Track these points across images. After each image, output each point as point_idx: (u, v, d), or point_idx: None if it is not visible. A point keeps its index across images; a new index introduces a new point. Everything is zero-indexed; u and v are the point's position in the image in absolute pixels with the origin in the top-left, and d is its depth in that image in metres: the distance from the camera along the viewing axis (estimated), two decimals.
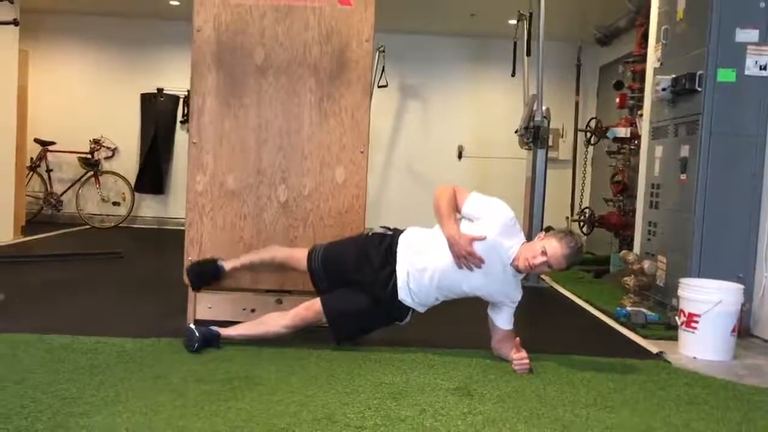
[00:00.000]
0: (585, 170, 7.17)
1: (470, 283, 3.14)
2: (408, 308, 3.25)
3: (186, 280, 3.56)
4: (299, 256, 3.40)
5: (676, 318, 3.67)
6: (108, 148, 8.62)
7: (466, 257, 3.05)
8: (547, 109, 5.45)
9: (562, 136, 8.35)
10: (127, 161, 8.73)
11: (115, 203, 8.58)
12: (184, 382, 2.71)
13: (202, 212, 3.63)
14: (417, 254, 3.17)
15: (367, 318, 3.27)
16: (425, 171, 8.68)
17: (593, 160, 7.51)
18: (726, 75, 4.08)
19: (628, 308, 4.19)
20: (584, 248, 3.08)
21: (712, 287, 3.58)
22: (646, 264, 4.40)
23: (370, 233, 3.36)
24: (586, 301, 4.85)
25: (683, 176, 4.27)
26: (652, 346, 3.67)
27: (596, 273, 6.07)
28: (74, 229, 8.08)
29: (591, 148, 7.22)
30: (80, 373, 2.77)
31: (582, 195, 6.99)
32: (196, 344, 3.12)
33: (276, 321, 3.27)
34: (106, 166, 8.64)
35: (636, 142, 6.05)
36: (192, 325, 3.22)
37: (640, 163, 5.12)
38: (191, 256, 3.65)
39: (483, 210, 3.12)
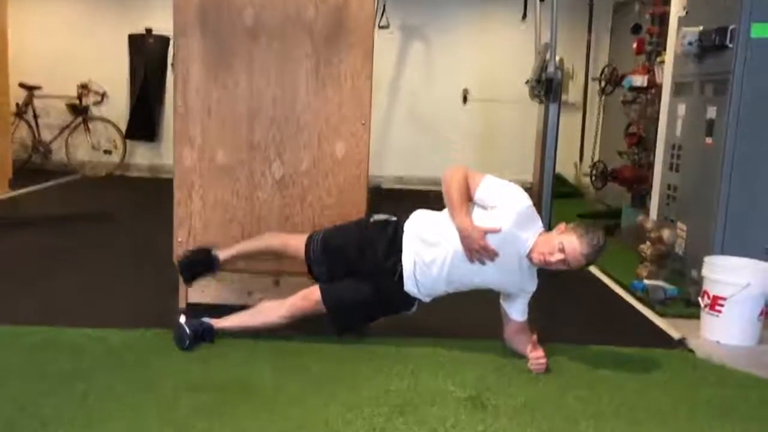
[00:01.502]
0: (598, 121, 6.81)
1: (482, 276, 2.89)
2: (415, 298, 3.01)
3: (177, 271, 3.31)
4: (296, 244, 3.15)
5: (699, 299, 3.43)
6: (96, 92, 8.25)
7: (479, 251, 2.79)
8: (561, 60, 5.08)
9: (572, 78, 7.95)
10: (117, 107, 8.36)
11: (106, 151, 8.27)
12: (174, 392, 2.49)
13: (191, 190, 3.36)
14: (424, 244, 2.90)
15: (370, 308, 3.04)
16: (429, 116, 8.32)
17: (605, 108, 7.14)
18: (761, 30, 3.71)
19: (646, 282, 3.97)
20: (606, 246, 2.80)
21: (739, 268, 3.34)
22: (666, 233, 4.15)
23: (372, 220, 3.09)
24: (599, 269, 4.61)
25: (709, 140, 3.97)
26: (671, 329, 3.46)
27: (607, 229, 5.80)
28: (64, 179, 7.77)
29: (604, 97, 6.85)
30: (62, 380, 2.56)
31: (594, 147, 6.66)
32: (188, 342, 2.90)
33: (273, 312, 3.04)
34: (95, 112, 8.29)
35: (653, 90, 5.70)
36: (182, 320, 2.99)
37: (660, 120, 4.80)
38: (180, 237, 3.39)
39: (498, 198, 2.84)
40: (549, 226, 3.69)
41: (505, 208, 2.82)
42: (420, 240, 2.92)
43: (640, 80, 5.62)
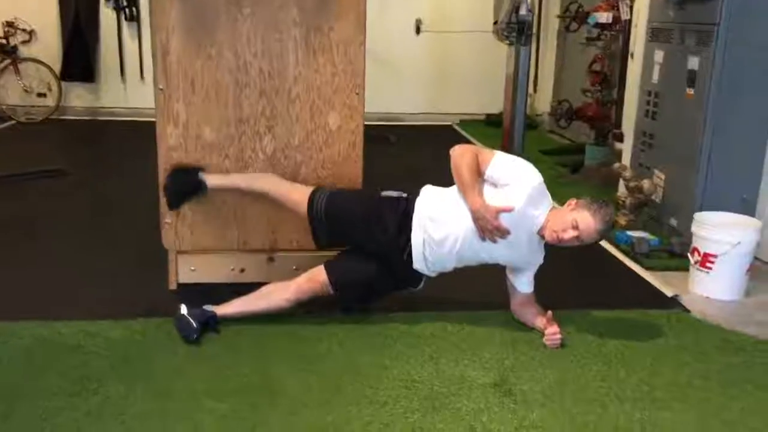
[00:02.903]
0: (563, 59, 6.73)
1: (492, 253, 2.86)
2: (422, 275, 2.97)
3: (162, 196, 3.18)
4: (297, 198, 3.03)
5: (689, 255, 3.51)
6: (24, 30, 7.65)
7: (492, 231, 2.75)
8: (532, 1, 4.96)
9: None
10: (49, 46, 7.78)
11: (40, 94, 7.73)
12: (194, 400, 2.41)
13: None
14: (435, 223, 2.84)
15: (378, 286, 2.99)
16: (381, 49, 8.01)
17: (569, 45, 7.05)
18: None
19: (630, 233, 4.03)
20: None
21: (730, 226, 3.42)
22: (646, 184, 4.19)
23: (381, 195, 2.99)
24: None
25: (690, 90, 3.97)
26: (662, 285, 3.54)
27: (573, 168, 5.87)
28: None
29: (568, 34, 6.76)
30: (72, 390, 2.43)
31: (559, 86, 6.61)
32: (195, 335, 2.80)
33: (277, 295, 2.96)
34: (24, 52, 7.71)
35: (617, 27, 5.67)
36: (184, 310, 2.87)
37: (633, 64, 4.78)
38: (169, 218, 3.23)
39: (509, 175, 2.79)
40: None
41: (518, 185, 2.78)
42: (430, 218, 2.86)
43: (605, 17, 5.57)
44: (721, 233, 3.36)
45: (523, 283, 3.01)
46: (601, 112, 5.84)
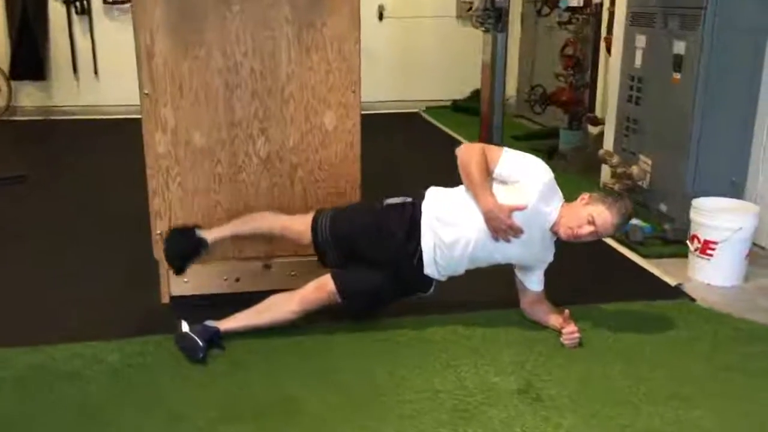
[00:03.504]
0: (534, 44, 6.66)
1: (505, 253, 2.79)
2: (432, 280, 2.88)
3: (165, 263, 3.01)
4: (299, 228, 2.91)
5: (688, 243, 3.50)
6: None
7: (505, 231, 2.67)
8: None
9: None
10: None
11: None
12: (212, 427, 2.28)
13: (168, 177, 3.01)
14: (445, 226, 2.75)
15: (388, 294, 2.89)
16: None
17: (541, 30, 6.98)
18: None
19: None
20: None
21: (730, 212, 3.41)
22: (635, 169, 4.17)
23: (385, 204, 2.88)
24: None
25: (677, 75, 3.95)
26: (662, 273, 3.52)
27: (549, 153, 5.83)
28: None
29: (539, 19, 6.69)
30: (77, 423, 2.28)
31: (532, 71, 6.56)
32: (201, 354, 2.66)
33: (283, 307, 2.83)
34: None
35: (589, 10, 5.65)
36: (185, 328, 2.73)
37: (613, 49, 4.74)
38: (159, 229, 3.06)
39: (520, 172, 2.71)
40: None
41: (529, 183, 2.70)
42: (440, 221, 2.76)
43: (576, 0, 5.53)
44: (721, 220, 3.35)
45: (534, 282, 2.94)
46: (574, 97, 5.82)
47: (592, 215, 2.68)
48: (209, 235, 2.97)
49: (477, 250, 2.75)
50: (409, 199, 2.85)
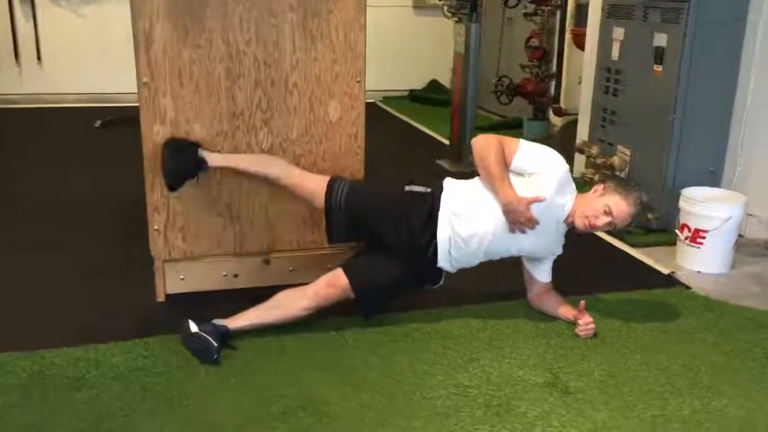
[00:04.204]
0: (501, 35, 6.66)
1: (520, 245, 2.78)
2: (442, 272, 2.85)
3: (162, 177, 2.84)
4: (311, 186, 2.82)
5: (677, 232, 3.57)
6: None
7: (524, 223, 2.66)
8: None
9: None
10: None
11: None
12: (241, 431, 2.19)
13: None
14: (461, 219, 2.71)
15: (400, 287, 2.84)
16: None
17: (506, 21, 7.00)
18: None
19: None
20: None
21: (719, 201, 3.49)
22: (617, 160, 4.23)
23: (407, 190, 2.82)
24: None
25: (658, 68, 4.02)
26: (654, 262, 3.59)
27: None
28: None
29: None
30: None
31: (498, 62, 6.58)
32: (215, 355, 2.55)
33: (293, 303, 2.74)
34: None
35: (554, 1, 5.70)
36: (194, 328, 2.60)
37: (587, 40, 4.80)
38: (157, 224, 2.93)
39: (537, 164, 2.70)
40: None
41: (546, 175, 2.70)
42: (456, 215, 2.72)
43: None
44: (712, 209, 3.43)
45: (543, 273, 2.95)
46: (540, 88, 5.87)
47: (608, 206, 2.69)
48: (212, 159, 2.83)
49: (494, 243, 2.72)
50: (429, 189, 2.79)
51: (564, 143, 5.16)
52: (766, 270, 3.54)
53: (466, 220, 2.71)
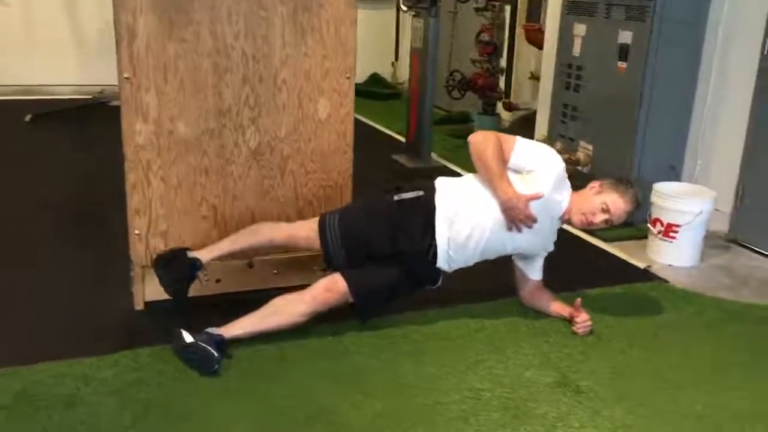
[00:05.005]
0: (453, 29, 6.64)
1: (516, 243, 2.76)
2: (441, 272, 2.80)
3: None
4: (306, 234, 2.74)
5: (650, 226, 3.65)
6: None
7: (522, 220, 2.65)
8: None
9: None
10: None
11: None
12: None
13: (148, 171, 2.71)
14: (460, 219, 2.67)
15: (399, 290, 2.77)
16: None
17: (455, 16, 6.98)
18: None
19: None
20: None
21: (691, 196, 3.59)
22: (582, 155, 4.29)
23: (397, 198, 2.75)
24: None
25: (622, 64, 4.09)
26: (625, 255, 3.67)
27: (465, 137, 5.88)
28: None
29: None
30: None
31: (450, 57, 6.55)
32: (216, 365, 2.42)
33: (291, 309, 2.63)
34: None
35: None
36: (188, 338, 2.46)
37: (546, 36, 4.84)
38: (138, 228, 2.76)
39: (535, 161, 2.69)
40: None
41: (544, 172, 2.69)
42: (454, 215, 2.68)
43: None
44: (684, 204, 3.51)
45: (535, 271, 2.95)
46: (490, 82, 5.91)
47: (606, 203, 2.71)
48: (202, 255, 2.73)
49: (491, 240, 2.70)
50: (421, 193, 2.74)
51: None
52: (732, 262, 3.66)
53: (465, 219, 2.67)
